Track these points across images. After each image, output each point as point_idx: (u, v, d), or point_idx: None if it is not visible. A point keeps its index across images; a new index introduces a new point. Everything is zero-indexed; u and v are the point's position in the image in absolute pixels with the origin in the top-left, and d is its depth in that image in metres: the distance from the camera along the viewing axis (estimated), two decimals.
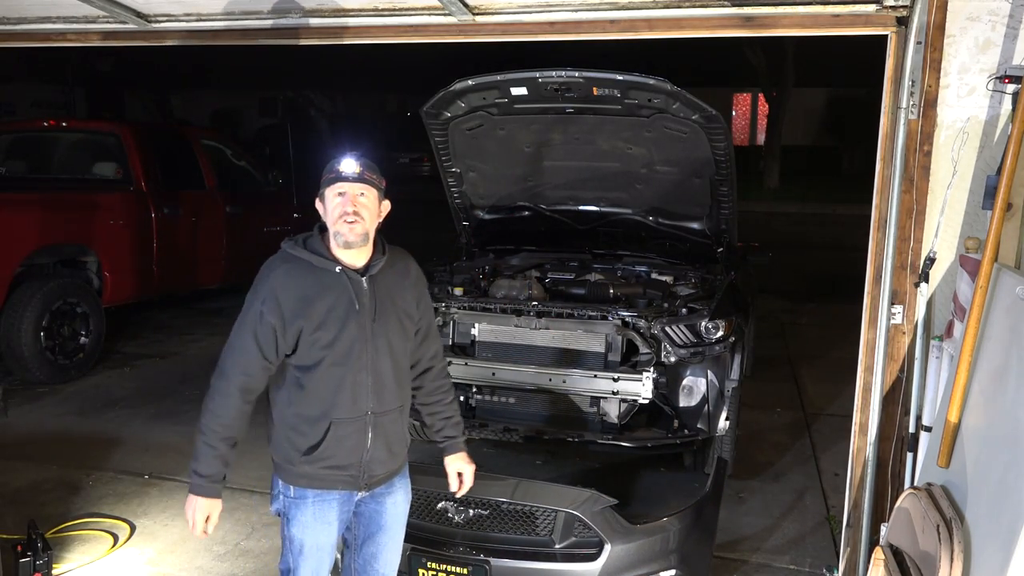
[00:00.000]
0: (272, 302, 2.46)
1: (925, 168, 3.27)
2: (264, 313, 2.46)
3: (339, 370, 2.52)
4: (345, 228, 2.48)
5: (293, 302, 2.46)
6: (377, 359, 2.57)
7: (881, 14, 3.25)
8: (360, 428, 2.57)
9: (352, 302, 2.51)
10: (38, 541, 3.64)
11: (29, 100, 23.47)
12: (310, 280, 2.49)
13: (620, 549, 3.13)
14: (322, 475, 2.57)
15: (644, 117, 4.49)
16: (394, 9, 3.81)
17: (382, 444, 2.62)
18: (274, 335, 2.47)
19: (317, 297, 2.48)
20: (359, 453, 2.58)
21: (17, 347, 6.25)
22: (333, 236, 2.52)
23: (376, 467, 2.64)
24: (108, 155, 7.61)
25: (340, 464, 2.57)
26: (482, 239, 5.68)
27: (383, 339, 2.58)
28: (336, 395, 2.53)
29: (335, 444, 2.54)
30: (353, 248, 2.52)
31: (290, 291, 2.47)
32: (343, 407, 2.54)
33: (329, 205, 2.53)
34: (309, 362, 2.51)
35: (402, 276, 2.67)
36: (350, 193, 2.50)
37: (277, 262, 2.54)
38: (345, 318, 2.50)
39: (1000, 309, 2.78)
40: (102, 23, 4.31)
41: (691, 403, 4.43)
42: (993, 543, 2.43)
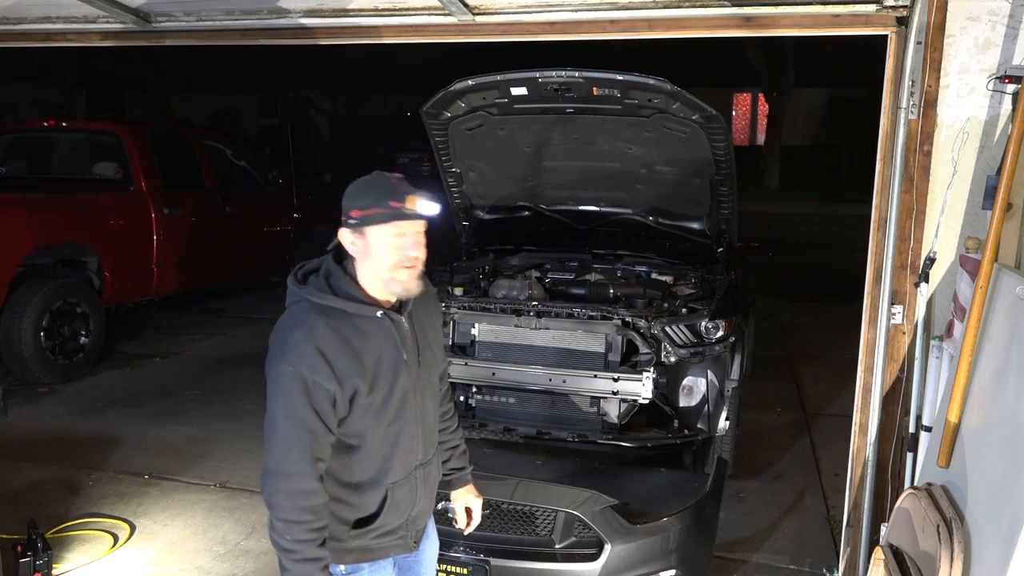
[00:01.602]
0: (322, 365, 2.01)
1: (925, 168, 3.27)
2: (318, 381, 2.01)
3: (394, 429, 2.16)
4: (405, 275, 2.08)
5: (342, 361, 2.03)
6: (424, 404, 2.25)
7: (881, 14, 3.25)
8: (412, 485, 2.25)
9: (399, 349, 2.14)
10: (38, 541, 3.65)
11: (29, 100, 23.48)
12: (351, 331, 2.07)
13: (620, 549, 3.13)
14: (375, 545, 2.22)
15: (644, 117, 4.49)
16: (394, 9, 3.81)
17: (428, 494, 2.33)
18: (333, 404, 2.04)
19: (364, 351, 2.07)
20: (408, 511, 2.26)
21: (17, 347, 6.25)
22: (386, 283, 2.09)
23: (421, 520, 2.34)
24: (108, 155, 7.61)
25: (392, 528, 2.23)
26: (482, 239, 5.68)
27: (425, 382, 2.25)
28: (391, 457, 2.17)
29: (392, 510, 2.21)
30: (412, 295, 2.14)
31: (336, 348, 2.03)
32: (398, 469, 2.19)
33: (381, 246, 2.06)
34: (363, 427, 2.12)
35: (426, 299, 2.28)
36: (413, 233, 2.08)
37: (311, 316, 2.05)
38: (396, 370, 2.14)
39: (1000, 309, 2.78)
40: (102, 23, 4.31)
41: (691, 403, 4.43)
42: (993, 543, 2.43)
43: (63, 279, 6.62)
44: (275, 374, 2.03)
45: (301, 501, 2.02)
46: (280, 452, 2.02)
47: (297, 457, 2.01)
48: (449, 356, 4.62)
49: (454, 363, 4.57)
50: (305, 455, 2.02)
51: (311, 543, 2.02)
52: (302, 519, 2.01)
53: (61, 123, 8.45)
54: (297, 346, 2.02)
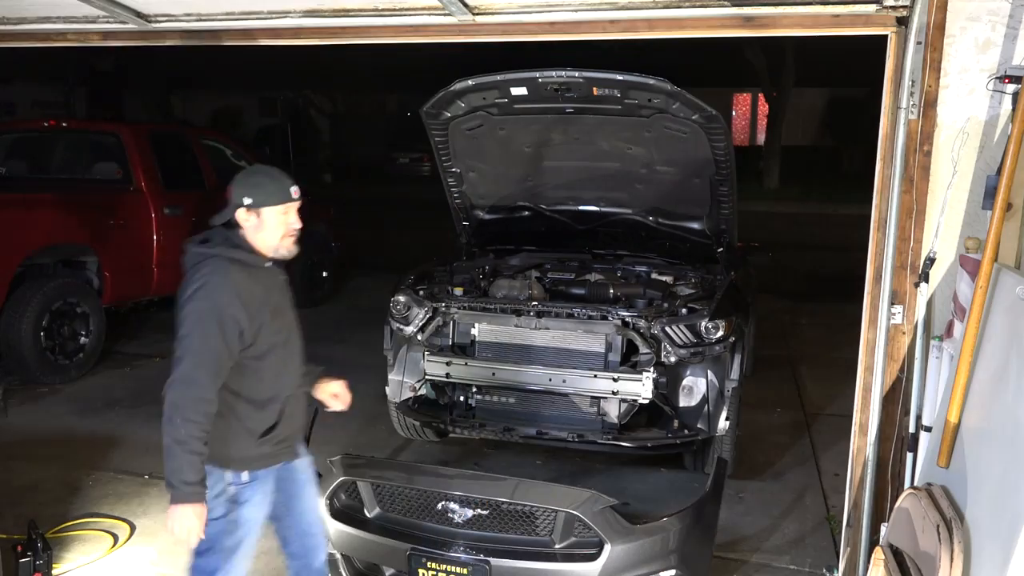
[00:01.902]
0: (237, 303, 2.61)
1: (925, 168, 3.27)
2: (234, 315, 2.60)
3: (284, 352, 2.80)
4: (290, 243, 2.76)
5: (249, 299, 2.65)
6: (296, 339, 2.91)
7: (881, 14, 3.25)
8: (296, 399, 2.89)
9: (282, 292, 2.86)
10: (38, 541, 3.64)
11: (29, 100, 23.48)
12: (252, 278, 2.70)
13: (620, 549, 3.13)
14: (273, 451, 2.81)
15: (644, 117, 4.50)
16: (394, 9, 3.81)
17: (302, 411, 2.96)
18: (240, 335, 2.63)
19: (263, 292, 2.72)
20: (294, 424, 2.89)
21: (17, 347, 6.25)
22: (274, 250, 2.74)
23: (299, 433, 2.97)
24: (108, 155, 7.60)
25: (284, 437, 2.83)
26: (482, 239, 5.68)
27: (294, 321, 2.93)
28: (282, 376, 2.80)
29: (286, 420, 2.81)
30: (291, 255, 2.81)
31: (245, 290, 2.64)
32: (288, 385, 2.83)
33: (271, 222, 2.72)
34: (262, 351, 2.72)
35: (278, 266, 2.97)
36: (294, 212, 2.77)
37: (222, 266, 2.65)
38: (282, 307, 2.82)
39: (1000, 309, 2.79)
40: (102, 23, 4.31)
41: (691, 403, 4.44)
42: (993, 543, 2.43)
43: (63, 279, 6.62)
44: (196, 310, 2.60)
45: (202, 406, 2.56)
46: (192, 366, 2.57)
47: (206, 373, 2.57)
48: (449, 356, 4.63)
49: (454, 363, 4.58)
50: (212, 372, 2.58)
51: (199, 440, 2.55)
52: (198, 420, 2.55)
53: (61, 123, 8.44)
54: (218, 289, 2.60)
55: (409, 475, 3.42)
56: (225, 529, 2.76)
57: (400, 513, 3.33)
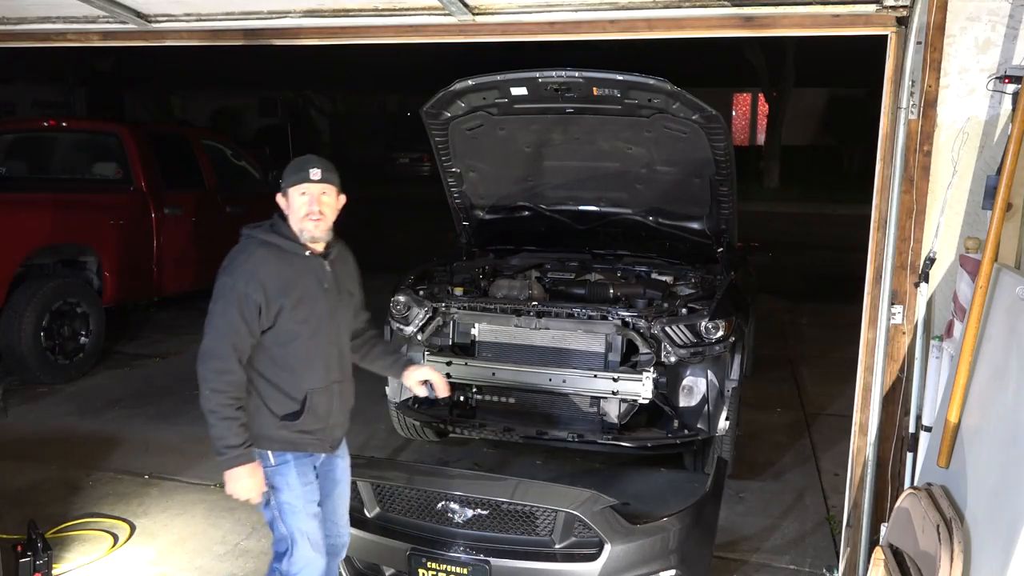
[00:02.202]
0: (255, 283, 2.67)
1: (925, 168, 3.27)
2: (249, 294, 2.66)
3: (312, 343, 2.80)
4: (311, 225, 2.76)
5: (275, 282, 2.70)
6: (339, 332, 2.91)
7: (881, 14, 3.25)
8: (328, 396, 2.87)
9: (320, 282, 2.82)
10: (38, 541, 3.64)
11: (29, 100, 23.48)
12: (285, 262, 2.75)
13: (620, 549, 3.13)
14: (295, 439, 2.82)
15: (644, 117, 4.50)
16: (394, 9, 3.81)
17: (341, 409, 2.95)
18: (259, 313, 2.68)
19: (293, 278, 2.74)
20: (326, 418, 2.87)
21: (17, 347, 6.24)
22: (299, 231, 2.78)
23: (336, 431, 2.96)
24: (108, 155, 7.61)
25: (311, 429, 2.84)
26: (482, 239, 5.68)
27: (341, 315, 2.93)
28: (312, 365, 2.81)
29: (312, 411, 2.81)
30: (318, 241, 2.82)
31: (271, 272, 2.71)
32: (317, 376, 2.82)
33: (294, 203, 2.78)
34: (286, 338, 2.75)
35: (345, 261, 3.00)
36: (314, 193, 2.76)
37: (253, 246, 2.76)
38: (316, 297, 2.79)
39: (1000, 309, 2.79)
40: (102, 23, 4.31)
41: (691, 403, 4.43)
42: (993, 543, 2.43)
43: (63, 279, 6.61)
44: (221, 284, 2.72)
45: (224, 376, 2.66)
46: (213, 339, 2.68)
47: (224, 344, 2.67)
48: (449, 356, 4.63)
49: (454, 363, 4.58)
50: (230, 344, 2.67)
51: (231, 406, 2.67)
52: (224, 389, 2.66)
53: (61, 123, 8.44)
54: (240, 266, 2.72)
55: (409, 475, 3.42)
56: (273, 517, 2.89)
57: (400, 513, 3.33)
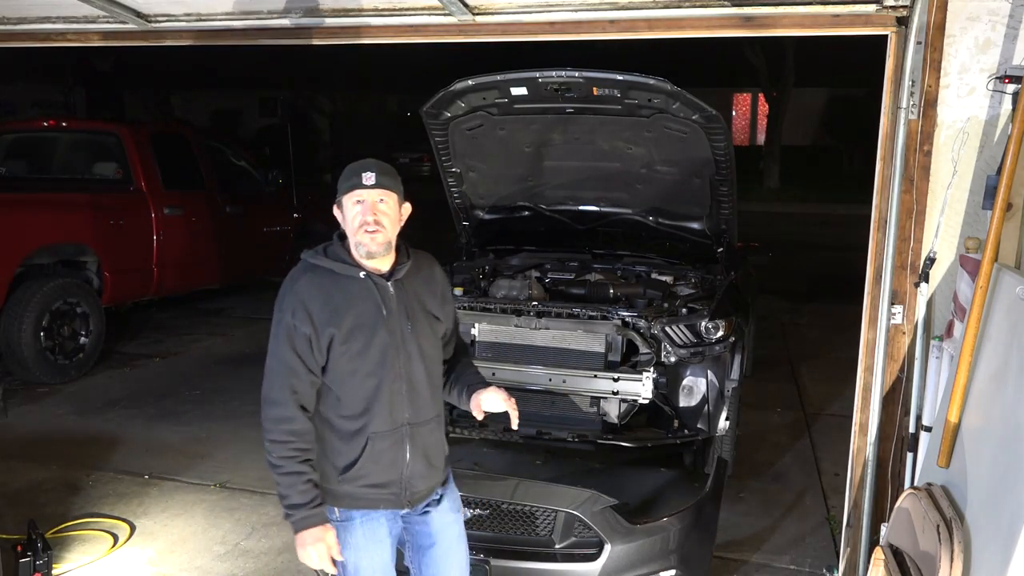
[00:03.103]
0: (302, 312, 2.36)
1: (925, 168, 3.27)
2: (297, 325, 2.36)
3: (373, 380, 2.40)
4: (367, 238, 2.38)
5: (321, 310, 2.36)
6: (410, 366, 2.46)
7: (881, 14, 3.25)
8: (397, 441, 2.45)
9: (379, 308, 2.41)
10: (38, 541, 3.64)
11: (29, 100, 23.48)
12: (335, 288, 2.40)
13: (620, 549, 3.13)
14: (362, 494, 2.44)
15: (644, 117, 4.49)
16: (394, 9, 3.81)
17: (420, 457, 2.49)
18: (310, 346, 2.36)
19: (344, 305, 2.38)
20: (398, 469, 2.46)
21: (17, 347, 6.25)
22: (355, 246, 2.42)
23: (417, 482, 2.50)
24: (108, 155, 7.61)
25: (379, 482, 2.44)
26: (482, 239, 5.68)
27: (414, 344, 2.47)
28: (371, 407, 2.41)
29: (372, 461, 2.42)
30: (376, 257, 2.42)
31: (317, 299, 2.37)
32: (379, 420, 2.42)
33: (348, 214, 2.42)
34: (342, 373, 2.40)
35: (428, 280, 2.58)
36: (369, 201, 2.39)
37: (299, 272, 2.45)
38: (374, 325, 2.40)
39: (1000, 309, 2.78)
40: (102, 23, 4.31)
41: (691, 403, 4.43)
42: (993, 543, 2.43)
43: (63, 279, 6.61)
44: (274, 320, 2.42)
45: (283, 424, 2.35)
46: (269, 383, 2.39)
47: (279, 388, 2.36)
48: None
49: None
50: (285, 387, 2.35)
51: (293, 460, 2.34)
52: (284, 439, 2.35)
53: (61, 123, 8.45)
54: (285, 296, 2.41)
55: None
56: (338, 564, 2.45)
57: None
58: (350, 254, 2.44)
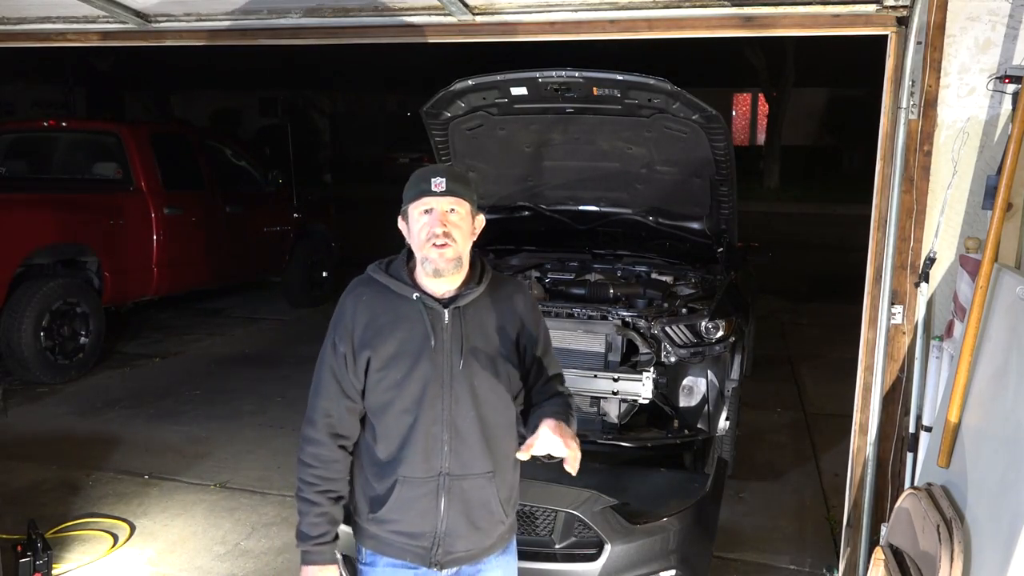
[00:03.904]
0: (344, 328, 2.14)
1: (925, 168, 3.27)
2: (337, 343, 2.14)
3: (408, 418, 2.12)
4: (435, 253, 2.07)
5: (363, 328, 2.12)
6: (457, 410, 2.13)
7: (881, 14, 3.26)
8: (431, 491, 2.13)
9: (427, 336, 2.10)
10: (38, 541, 3.64)
11: (29, 100, 23.49)
12: (386, 307, 2.13)
13: (620, 549, 3.13)
14: (389, 540, 2.18)
15: (644, 117, 4.49)
16: (394, 9, 3.81)
17: (460, 514, 2.16)
18: (347, 366, 2.13)
19: (389, 326, 2.11)
20: (431, 522, 2.15)
21: (17, 347, 6.25)
22: (421, 263, 2.12)
23: (455, 542, 2.17)
24: (108, 155, 7.61)
25: (409, 531, 2.16)
26: (482, 239, 5.67)
27: (465, 385, 2.13)
28: (405, 447, 2.12)
29: (401, 506, 2.14)
30: (444, 276, 2.10)
31: (362, 316, 2.13)
32: (412, 463, 2.12)
33: (414, 226, 2.12)
34: (377, 404, 2.14)
35: (505, 312, 2.21)
36: (438, 210, 2.08)
37: (355, 284, 2.21)
38: (418, 355, 2.10)
39: (1000, 309, 2.78)
40: (102, 23, 4.31)
41: (691, 403, 4.43)
42: (993, 543, 2.43)
43: (63, 279, 6.61)
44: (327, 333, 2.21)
45: (310, 447, 2.16)
46: (310, 401, 2.19)
47: (315, 407, 2.17)
48: None
49: None
50: (319, 408, 2.16)
51: (312, 487, 2.14)
52: (309, 462, 2.15)
53: (61, 123, 8.45)
54: (338, 309, 2.19)
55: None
56: None
57: None
58: (411, 272, 2.17)
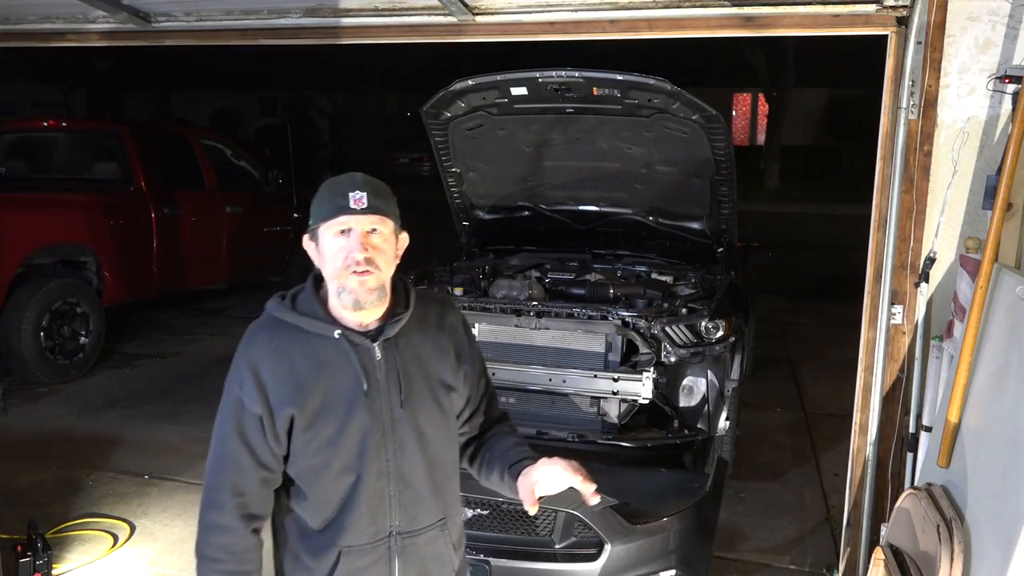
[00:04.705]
0: (251, 384, 1.77)
1: (925, 168, 3.27)
2: (245, 402, 1.78)
3: (349, 478, 1.80)
4: (354, 282, 1.75)
5: (280, 382, 1.77)
6: (402, 458, 1.84)
7: (881, 14, 3.26)
8: (380, 558, 1.84)
9: (358, 379, 1.79)
10: (38, 541, 3.64)
11: (29, 100, 23.48)
12: (302, 351, 1.79)
13: (620, 549, 3.13)
14: None
15: (644, 117, 4.49)
16: (394, 9, 3.81)
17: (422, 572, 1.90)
18: (263, 430, 1.78)
19: (311, 375, 1.78)
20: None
21: (17, 347, 6.25)
22: (336, 293, 1.79)
23: None
24: (108, 155, 7.62)
25: None
26: (482, 239, 5.68)
27: (409, 429, 1.84)
28: (346, 514, 1.81)
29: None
30: (365, 308, 1.78)
31: (275, 368, 1.78)
32: (356, 530, 1.82)
33: (328, 249, 1.78)
34: (308, 468, 1.81)
35: (437, 331, 1.93)
36: (358, 231, 1.76)
37: (258, 328, 1.84)
38: (350, 404, 1.79)
39: (1000, 309, 2.78)
40: (102, 23, 4.31)
41: (691, 403, 4.43)
42: (993, 543, 2.43)
43: (63, 279, 6.61)
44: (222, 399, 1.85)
45: (216, 536, 1.80)
46: (209, 475, 1.81)
47: (218, 486, 1.79)
48: None
49: None
50: (226, 485, 1.78)
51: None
52: (215, 556, 1.80)
53: (61, 123, 8.48)
54: (237, 362, 1.83)
55: None
56: None
57: None
58: (325, 304, 1.83)
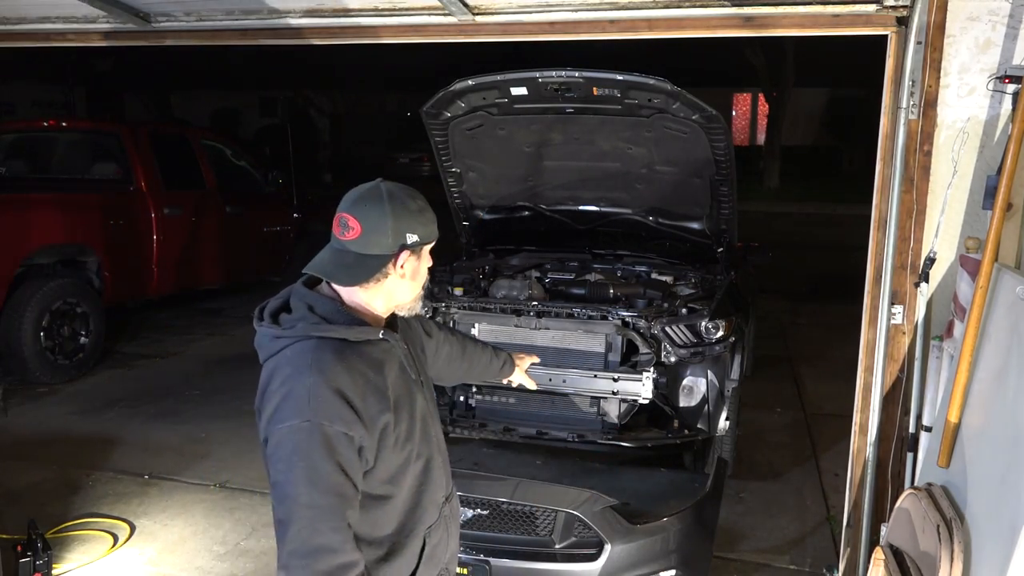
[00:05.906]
0: (344, 409, 1.71)
1: (925, 168, 3.27)
2: (339, 429, 1.70)
3: (421, 463, 1.89)
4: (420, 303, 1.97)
5: (367, 397, 1.76)
6: (438, 428, 2.01)
7: (881, 14, 3.25)
8: (443, 527, 1.96)
9: (406, 370, 1.90)
10: (38, 541, 3.65)
11: (29, 100, 23.48)
12: (361, 360, 1.79)
13: (620, 549, 3.13)
14: None
15: (644, 117, 4.49)
16: (394, 9, 3.81)
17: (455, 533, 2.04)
18: (360, 453, 1.74)
19: (380, 379, 1.81)
20: (443, 558, 1.97)
21: (17, 347, 6.25)
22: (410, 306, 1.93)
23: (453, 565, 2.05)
24: (108, 155, 7.62)
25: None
26: (482, 239, 5.68)
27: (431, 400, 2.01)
28: (423, 497, 1.88)
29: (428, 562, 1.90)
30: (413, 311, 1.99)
31: (354, 385, 1.74)
32: (431, 509, 1.90)
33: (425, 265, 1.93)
34: (395, 467, 1.83)
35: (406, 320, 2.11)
36: None
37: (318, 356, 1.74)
38: (411, 393, 1.89)
39: (1000, 309, 2.78)
40: (102, 23, 4.31)
41: (691, 403, 4.43)
42: (993, 543, 2.43)
43: (63, 279, 6.62)
44: (286, 433, 1.69)
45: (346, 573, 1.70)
46: (309, 528, 1.67)
47: (331, 530, 1.68)
48: None
49: None
50: (340, 525, 1.69)
51: None
52: None
53: (61, 123, 8.47)
54: (311, 395, 1.70)
55: None
56: None
57: None
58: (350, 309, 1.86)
